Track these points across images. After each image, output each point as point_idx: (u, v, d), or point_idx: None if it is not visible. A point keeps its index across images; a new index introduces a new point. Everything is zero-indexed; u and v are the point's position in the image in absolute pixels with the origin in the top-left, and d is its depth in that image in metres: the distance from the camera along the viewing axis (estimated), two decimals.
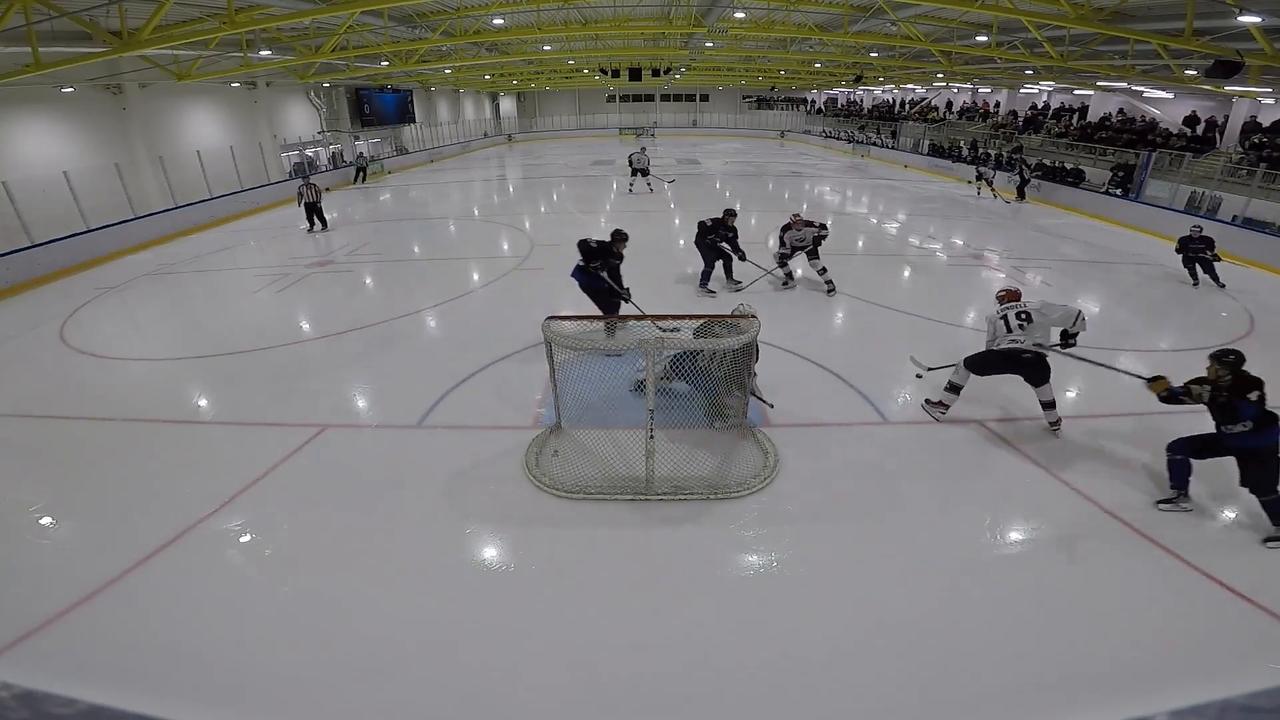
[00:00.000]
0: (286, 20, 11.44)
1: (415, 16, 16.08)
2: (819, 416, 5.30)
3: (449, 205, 17.36)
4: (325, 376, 6.29)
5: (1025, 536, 3.92)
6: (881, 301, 8.33)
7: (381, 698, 2.84)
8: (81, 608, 3.36)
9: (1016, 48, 15.27)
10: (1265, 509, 3.77)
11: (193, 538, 3.93)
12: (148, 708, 0.68)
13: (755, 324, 4.23)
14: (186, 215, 14.11)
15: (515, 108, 44.89)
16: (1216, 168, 13.52)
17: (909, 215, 15.11)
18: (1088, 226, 13.97)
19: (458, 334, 7.49)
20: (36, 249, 10.18)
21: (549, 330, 4.26)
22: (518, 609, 3.36)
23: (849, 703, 2.83)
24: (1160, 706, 0.63)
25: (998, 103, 25.10)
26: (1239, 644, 3.11)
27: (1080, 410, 5.67)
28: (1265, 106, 14.76)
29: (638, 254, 10.90)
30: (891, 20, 14.68)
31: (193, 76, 15.51)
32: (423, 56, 19.24)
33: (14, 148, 12.49)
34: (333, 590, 3.49)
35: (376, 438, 5.11)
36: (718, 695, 2.86)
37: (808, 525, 4.00)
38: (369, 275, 10.17)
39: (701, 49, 21.57)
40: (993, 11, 11.62)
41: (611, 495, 4.23)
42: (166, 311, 8.91)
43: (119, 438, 5.22)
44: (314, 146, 23.01)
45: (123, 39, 10.29)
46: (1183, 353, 6.84)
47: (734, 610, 3.35)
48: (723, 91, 44.89)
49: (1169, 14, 11.12)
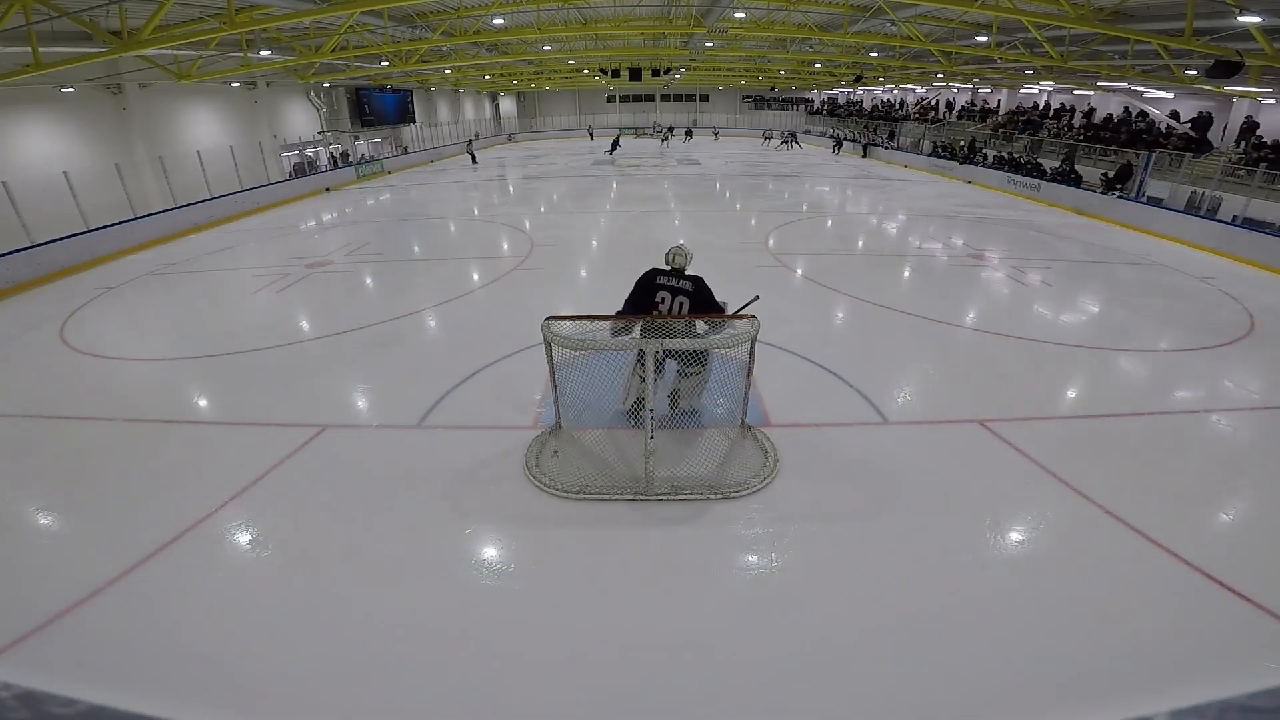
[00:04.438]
0: (286, 20, 11.44)
1: (415, 16, 16.09)
2: (819, 416, 5.30)
3: (449, 205, 17.37)
4: (325, 376, 6.29)
5: (1025, 536, 3.92)
6: (881, 301, 8.33)
7: (381, 697, 2.84)
8: (81, 608, 3.35)
9: (1016, 48, 15.29)
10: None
11: (193, 538, 3.93)
12: (148, 708, 0.68)
13: (755, 324, 4.23)
14: (186, 215, 14.11)
15: (515, 108, 44.90)
16: (1216, 168, 13.51)
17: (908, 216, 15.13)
18: (1088, 226, 13.98)
19: (458, 334, 7.49)
20: (36, 249, 10.18)
21: (548, 330, 4.26)
22: (518, 609, 3.36)
23: (849, 703, 2.83)
24: (1160, 706, 0.63)
25: (998, 102, 25.11)
26: (1239, 644, 3.11)
27: (1081, 410, 5.68)
28: (1265, 106, 14.76)
29: (638, 254, 10.95)
30: (891, 20, 14.69)
31: (193, 76, 15.53)
32: (423, 56, 19.25)
33: (14, 148, 12.50)
34: (333, 590, 3.49)
35: (376, 438, 5.11)
36: (717, 695, 2.86)
37: (807, 525, 3.99)
38: (369, 275, 10.17)
39: (701, 49, 21.58)
40: (993, 11, 11.62)
41: (611, 495, 4.23)
42: (166, 311, 8.91)
43: (119, 438, 5.22)
44: (314, 146, 23.02)
45: (123, 39, 10.30)
46: (1183, 353, 6.84)
47: (733, 610, 3.35)
48: (723, 91, 44.93)
49: (1169, 14, 11.14)
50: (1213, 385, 6.09)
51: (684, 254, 4.86)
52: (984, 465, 4.64)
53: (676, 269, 4.81)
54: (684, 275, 4.79)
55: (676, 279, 4.73)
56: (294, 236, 13.49)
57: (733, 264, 10.24)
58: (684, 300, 4.67)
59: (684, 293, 4.69)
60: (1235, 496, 4.42)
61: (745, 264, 10.25)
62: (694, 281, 4.72)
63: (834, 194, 18.56)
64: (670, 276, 4.76)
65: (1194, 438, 5.18)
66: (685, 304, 4.65)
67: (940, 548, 3.79)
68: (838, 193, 18.77)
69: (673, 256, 4.85)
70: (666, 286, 4.74)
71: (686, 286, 4.71)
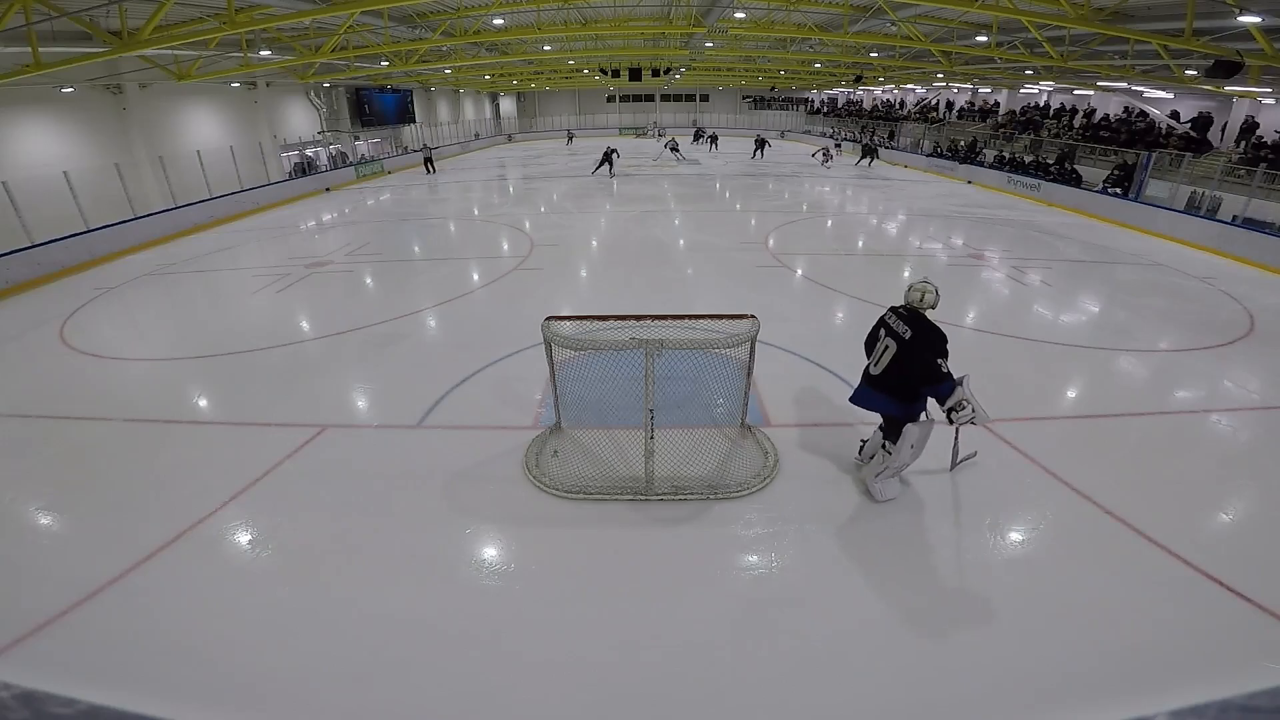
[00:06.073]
0: (286, 20, 11.45)
1: (415, 16, 16.09)
2: (819, 417, 5.30)
3: (449, 205, 17.37)
4: (325, 376, 6.29)
5: (1025, 536, 3.92)
6: (882, 301, 8.31)
7: (381, 697, 2.84)
8: (81, 608, 3.36)
9: (1016, 48, 15.29)
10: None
11: (193, 538, 3.93)
12: (148, 708, 0.68)
13: (754, 324, 4.24)
14: (186, 215, 14.11)
15: (515, 108, 44.90)
16: (1216, 168, 13.51)
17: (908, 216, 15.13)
18: (1088, 226, 13.97)
19: (458, 334, 7.49)
20: (36, 249, 10.18)
21: (548, 330, 4.26)
22: (518, 609, 3.36)
23: (849, 702, 2.83)
24: (1160, 706, 0.63)
25: (997, 102, 25.10)
26: (1239, 644, 3.11)
27: (1081, 410, 5.68)
28: (1265, 106, 14.76)
29: (639, 254, 10.96)
30: (891, 20, 14.69)
31: (193, 77, 15.52)
32: (423, 56, 19.26)
33: (14, 148, 12.51)
34: (333, 590, 3.49)
35: (377, 438, 5.11)
36: (717, 695, 2.86)
37: (807, 525, 3.99)
38: (369, 275, 10.17)
39: (701, 49, 21.58)
40: (993, 11, 11.63)
41: (611, 495, 4.23)
42: (166, 311, 8.91)
43: (119, 438, 5.22)
44: (314, 146, 23.02)
45: (123, 39, 10.30)
46: (1183, 353, 6.84)
47: (733, 610, 3.35)
48: (723, 91, 44.93)
49: (1169, 14, 11.13)
50: (1213, 385, 6.09)
51: (920, 290, 3.85)
52: (984, 465, 4.64)
53: (908, 306, 3.91)
54: (912, 315, 3.87)
55: (900, 319, 3.91)
56: (294, 236, 13.49)
57: (733, 264, 10.26)
58: (891, 344, 3.87)
59: (896, 336, 3.86)
60: (1235, 496, 4.42)
61: (745, 264, 10.25)
62: (913, 324, 3.80)
63: (834, 194, 18.57)
64: (898, 314, 3.97)
65: (1194, 438, 5.18)
66: (892, 349, 3.85)
67: (940, 548, 3.79)
68: (838, 193, 18.77)
69: (908, 291, 3.93)
70: (886, 325, 4.00)
71: (901, 330, 3.84)
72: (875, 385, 4.03)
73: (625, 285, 9.21)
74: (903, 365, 3.79)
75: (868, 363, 4.11)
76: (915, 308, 3.87)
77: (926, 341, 3.73)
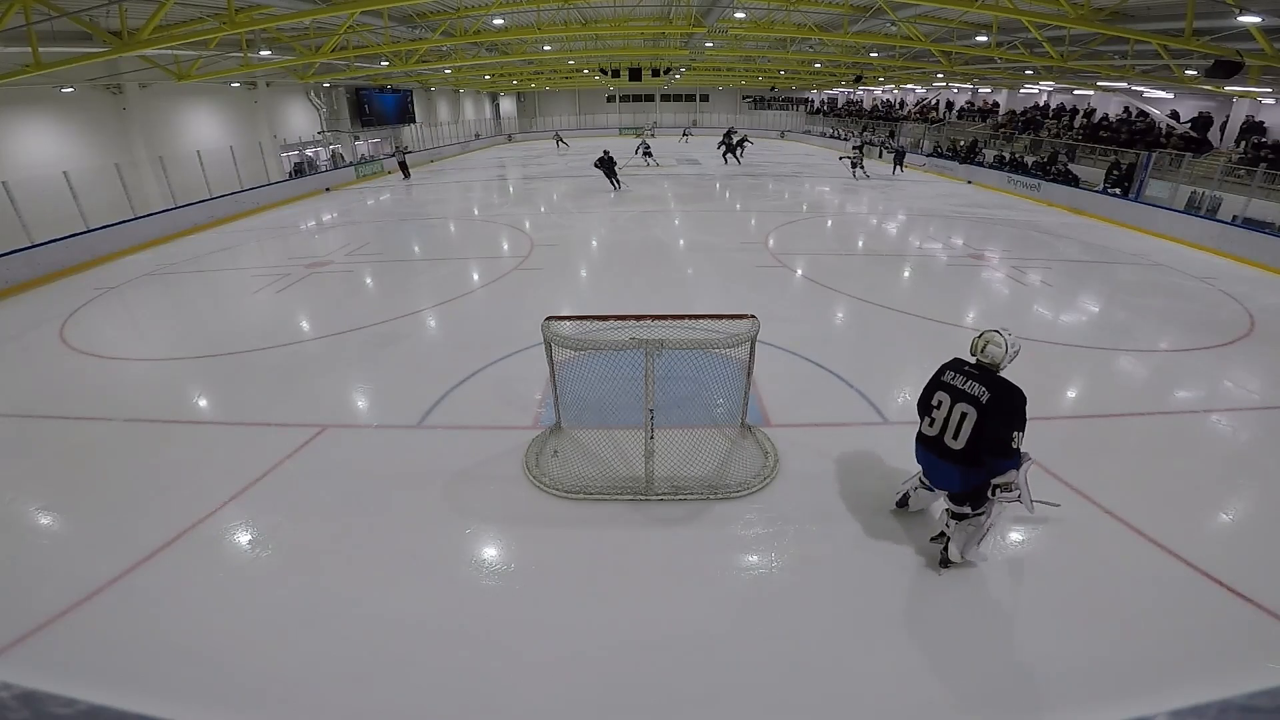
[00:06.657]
0: (286, 20, 11.44)
1: (415, 16, 16.08)
2: (819, 416, 5.30)
3: (449, 205, 17.37)
4: (325, 376, 6.29)
5: (1025, 536, 3.92)
6: (881, 301, 8.33)
7: (381, 697, 2.84)
8: (81, 608, 3.36)
9: (1016, 48, 15.28)
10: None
11: (193, 538, 3.93)
12: (148, 708, 0.68)
13: (754, 324, 4.23)
14: (186, 215, 14.11)
15: (515, 108, 44.90)
16: (1216, 168, 13.51)
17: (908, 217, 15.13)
18: (1088, 226, 13.97)
19: (458, 334, 7.49)
20: (36, 249, 10.18)
21: (548, 330, 4.26)
22: (518, 609, 3.36)
23: (848, 702, 2.83)
24: (1160, 706, 0.63)
25: (996, 102, 25.10)
26: (1239, 644, 3.11)
27: (1081, 410, 5.68)
28: (1265, 106, 14.76)
29: (639, 254, 10.96)
30: (891, 20, 14.68)
31: (193, 76, 15.52)
32: (423, 56, 19.25)
33: (14, 148, 12.49)
34: (333, 590, 3.49)
35: (376, 438, 5.11)
36: (717, 695, 2.86)
37: (807, 525, 3.99)
38: (369, 275, 10.17)
39: (701, 49, 21.57)
40: (993, 11, 11.62)
41: (611, 495, 4.23)
42: (166, 311, 8.91)
43: (119, 438, 5.22)
44: (314, 146, 23.01)
45: (123, 39, 10.29)
46: (1183, 353, 6.84)
47: (733, 610, 3.35)
48: (723, 91, 44.92)
49: (1169, 14, 11.13)
50: (1213, 385, 6.09)
51: (996, 344, 3.26)
52: None
53: (982, 364, 3.31)
54: (984, 374, 3.27)
55: (971, 380, 3.26)
56: (294, 236, 13.49)
57: (733, 264, 10.25)
58: (967, 410, 3.20)
59: (970, 400, 3.20)
60: (1235, 496, 4.42)
61: (745, 264, 10.25)
62: (991, 387, 3.17)
63: (834, 194, 18.56)
64: (964, 373, 3.32)
65: (1194, 438, 5.18)
66: (970, 416, 3.19)
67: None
68: (837, 193, 18.76)
69: (980, 346, 3.31)
70: (949, 386, 3.34)
71: (977, 393, 3.19)
72: (951, 458, 3.29)
73: (625, 285, 9.21)
74: (982, 432, 3.15)
75: (930, 431, 3.42)
76: (986, 365, 3.28)
77: (1010, 407, 3.14)
